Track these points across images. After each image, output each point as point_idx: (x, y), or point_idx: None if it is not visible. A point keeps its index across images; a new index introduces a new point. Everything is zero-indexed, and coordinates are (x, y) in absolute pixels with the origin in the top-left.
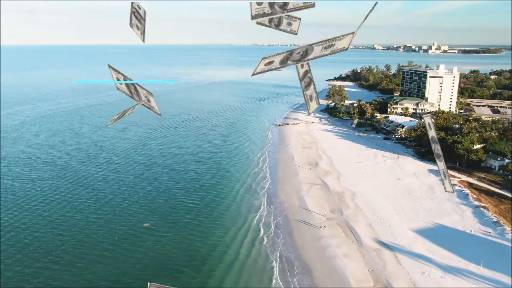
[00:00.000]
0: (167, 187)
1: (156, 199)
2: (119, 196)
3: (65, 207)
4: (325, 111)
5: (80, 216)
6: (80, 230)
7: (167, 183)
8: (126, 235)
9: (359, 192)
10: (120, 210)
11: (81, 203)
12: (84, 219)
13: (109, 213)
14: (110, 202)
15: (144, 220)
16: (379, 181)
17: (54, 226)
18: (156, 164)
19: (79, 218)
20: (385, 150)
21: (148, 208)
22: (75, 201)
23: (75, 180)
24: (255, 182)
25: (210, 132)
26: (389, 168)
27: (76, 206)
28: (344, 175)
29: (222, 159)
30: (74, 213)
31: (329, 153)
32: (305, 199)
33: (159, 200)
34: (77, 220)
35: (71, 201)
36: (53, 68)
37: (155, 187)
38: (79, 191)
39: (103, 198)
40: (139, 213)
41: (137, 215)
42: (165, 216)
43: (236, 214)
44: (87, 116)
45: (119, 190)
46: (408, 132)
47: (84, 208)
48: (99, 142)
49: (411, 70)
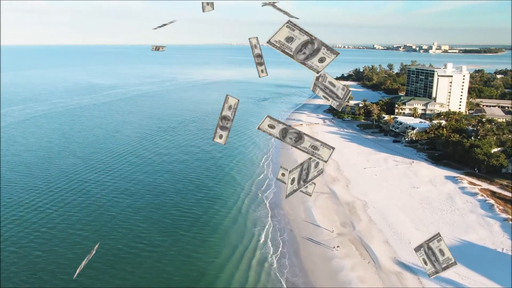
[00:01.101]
0: (167, 196)
1: (156, 209)
2: (114, 205)
3: (49, 222)
4: (328, 111)
5: (67, 228)
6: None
7: (167, 191)
8: (122, 252)
9: (371, 202)
10: (115, 222)
11: (69, 211)
12: (73, 233)
13: (101, 227)
14: (103, 215)
15: (141, 235)
16: (392, 189)
17: (39, 238)
18: (154, 169)
19: (63, 229)
20: (395, 154)
21: (146, 220)
22: (63, 213)
23: (64, 188)
24: (260, 190)
25: (210, 134)
26: (402, 175)
27: (63, 216)
28: (354, 182)
29: (225, 163)
30: (52, 228)
31: (335, 157)
32: (312, 210)
33: (159, 211)
34: (63, 234)
35: (59, 213)
36: (49, 68)
37: (154, 195)
38: (68, 200)
39: (95, 207)
40: (135, 225)
41: (134, 228)
42: (166, 230)
43: (242, 229)
44: (80, 117)
45: (114, 199)
46: (419, 134)
47: (73, 221)
48: (91, 145)
49: (417, 69)
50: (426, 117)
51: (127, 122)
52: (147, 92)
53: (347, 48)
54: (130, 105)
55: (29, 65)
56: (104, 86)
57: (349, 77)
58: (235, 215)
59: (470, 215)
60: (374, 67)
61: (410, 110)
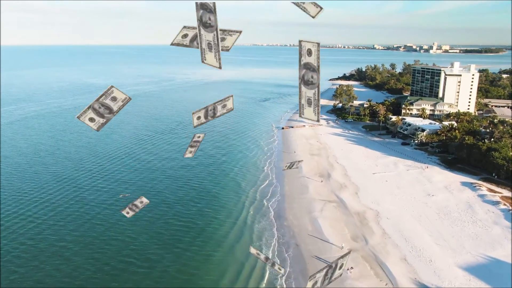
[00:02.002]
0: (167, 204)
1: (154, 220)
2: (108, 215)
3: (36, 235)
4: (332, 112)
5: (54, 243)
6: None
7: (167, 199)
8: (116, 269)
9: (383, 211)
10: (109, 235)
11: (58, 221)
12: (62, 249)
13: (93, 240)
14: (96, 226)
15: (138, 250)
16: (405, 197)
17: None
18: (153, 174)
19: (51, 243)
20: (405, 158)
21: (144, 232)
22: (52, 224)
23: (54, 194)
24: (266, 199)
25: (210, 137)
26: (415, 181)
27: (53, 227)
28: (363, 189)
29: (229, 168)
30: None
31: (342, 161)
32: (319, 222)
33: (158, 221)
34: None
35: (48, 224)
36: (45, 67)
37: (153, 204)
38: (58, 209)
39: (87, 216)
40: (132, 237)
41: (130, 241)
42: (166, 243)
43: (247, 244)
44: (73, 118)
45: (108, 209)
46: (429, 136)
47: (61, 234)
48: (84, 147)
49: (423, 68)
50: (435, 118)
51: (123, 123)
52: (144, 92)
53: (347, 48)
54: (126, 105)
55: (26, 65)
56: (100, 86)
57: (351, 77)
58: (241, 227)
59: (494, 228)
60: (377, 66)
61: (417, 110)
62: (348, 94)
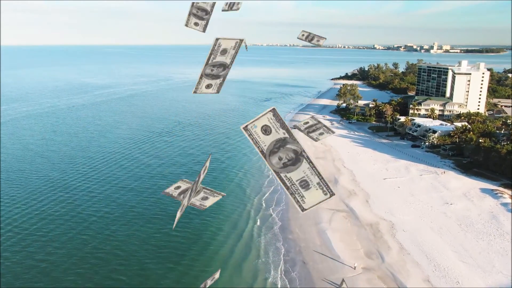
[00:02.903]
0: (166, 213)
1: (154, 234)
2: (102, 224)
3: (18, 242)
4: (336, 112)
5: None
6: None
7: (167, 208)
8: None
9: (399, 223)
10: (102, 248)
11: (44, 226)
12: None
13: (85, 255)
14: (88, 242)
15: (136, 266)
16: (421, 206)
17: None
18: (149, 180)
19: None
20: (417, 162)
21: (142, 246)
22: (40, 232)
23: (43, 199)
24: (271, 208)
25: (212, 138)
26: (430, 187)
27: (42, 238)
28: (374, 197)
29: (233, 173)
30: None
31: (349, 165)
32: (328, 234)
33: (157, 234)
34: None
35: (36, 235)
36: (42, 67)
37: (152, 214)
38: (45, 214)
39: (77, 228)
40: (125, 250)
41: (125, 256)
42: (166, 261)
43: (254, 262)
44: (65, 119)
45: (101, 218)
46: (442, 138)
47: (49, 250)
48: (75, 149)
49: (429, 67)
50: (444, 119)
51: (117, 123)
52: (141, 92)
53: (347, 48)
54: (122, 105)
55: (21, 64)
56: (96, 85)
57: (354, 76)
58: (247, 241)
59: None
60: (380, 65)
61: (426, 111)
62: (352, 94)
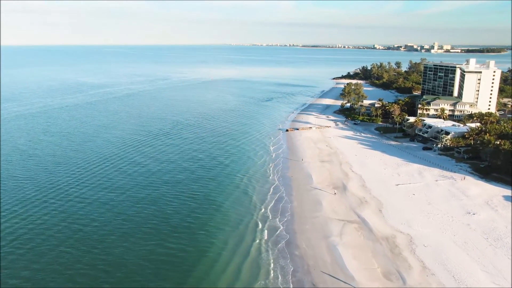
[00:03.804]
0: (170, 227)
1: (151, 248)
2: (97, 237)
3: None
4: (339, 112)
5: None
6: None
7: (170, 219)
8: None
9: (418, 236)
10: (95, 264)
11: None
12: None
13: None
14: (78, 260)
15: None
16: (441, 216)
17: None
18: (148, 184)
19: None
20: (431, 166)
21: (143, 261)
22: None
23: (28, 207)
24: (277, 218)
25: (214, 140)
26: (447, 194)
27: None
28: (388, 206)
29: (237, 176)
30: None
31: (357, 169)
32: (339, 250)
33: (157, 248)
34: None
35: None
36: (38, 66)
37: (150, 226)
38: (26, 221)
39: (65, 243)
40: (124, 265)
41: (123, 271)
42: (164, 271)
43: (260, 282)
44: (56, 119)
45: (97, 219)
46: (455, 140)
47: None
48: (63, 152)
49: (435, 65)
50: (455, 119)
51: (111, 124)
52: (137, 91)
53: (347, 48)
54: (117, 105)
55: (18, 64)
56: (92, 85)
57: (356, 75)
58: (254, 259)
59: None
60: (383, 64)
61: (435, 110)
62: (357, 93)
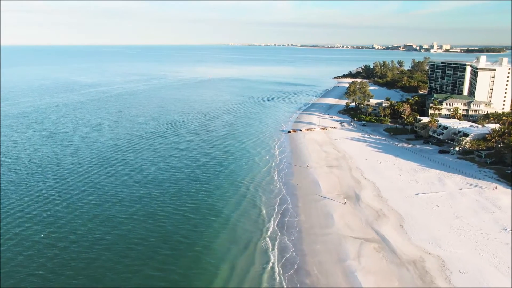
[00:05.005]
0: (169, 245)
1: (147, 261)
2: (88, 245)
3: None
4: (344, 112)
5: None
6: None
7: (169, 238)
8: None
9: (451, 259)
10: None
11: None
12: None
13: None
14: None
15: None
16: (473, 234)
17: None
18: (137, 199)
19: None
20: (451, 171)
21: None
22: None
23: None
24: (284, 235)
25: (207, 145)
26: (476, 206)
27: None
28: (409, 219)
29: (241, 184)
30: None
31: (370, 176)
32: (359, 278)
33: (151, 262)
34: None
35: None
36: (32, 65)
37: (137, 241)
38: None
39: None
40: None
41: None
42: None
43: None
44: (42, 119)
45: (88, 239)
46: (475, 142)
47: None
48: (48, 154)
49: (443, 63)
50: (469, 119)
51: (101, 124)
52: (131, 90)
53: (345, 48)
54: (109, 104)
55: (13, 63)
56: (85, 84)
57: (358, 74)
58: None
59: None
60: (386, 63)
61: (448, 110)
62: (362, 92)
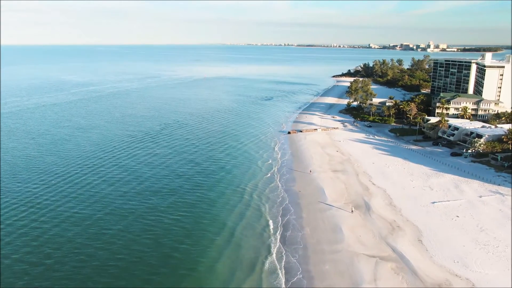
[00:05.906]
0: (162, 258)
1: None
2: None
3: None
4: (346, 112)
5: None
6: None
7: (167, 255)
8: None
9: (482, 283)
10: None
11: None
12: None
13: None
14: None
15: None
16: (503, 250)
17: None
18: (135, 195)
19: None
20: (467, 176)
21: None
22: None
23: None
24: (290, 252)
25: (204, 146)
26: (499, 215)
27: None
28: (428, 233)
29: (243, 191)
30: None
31: (378, 181)
32: None
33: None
34: None
35: None
36: (25, 64)
37: (131, 261)
38: None
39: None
40: None
41: None
42: None
43: None
44: (28, 119)
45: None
46: (490, 144)
47: None
48: (30, 157)
49: (447, 61)
50: (478, 119)
51: (91, 125)
52: (124, 89)
53: (342, 48)
54: (100, 104)
55: (5, 63)
56: (76, 83)
57: (357, 73)
58: None
59: None
60: (386, 61)
61: (456, 110)
62: (365, 91)
